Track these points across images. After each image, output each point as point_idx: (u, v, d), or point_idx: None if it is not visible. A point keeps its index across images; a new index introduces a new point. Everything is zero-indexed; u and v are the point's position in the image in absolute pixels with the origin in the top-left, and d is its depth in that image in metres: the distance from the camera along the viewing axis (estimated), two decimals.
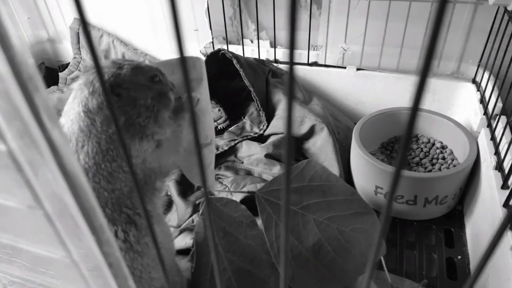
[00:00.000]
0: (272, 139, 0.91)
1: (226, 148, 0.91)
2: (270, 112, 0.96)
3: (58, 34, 1.26)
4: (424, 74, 0.15)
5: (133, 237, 0.48)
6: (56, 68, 1.29)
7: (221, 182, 0.83)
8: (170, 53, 1.14)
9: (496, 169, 0.71)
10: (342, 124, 0.97)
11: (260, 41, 1.06)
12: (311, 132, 0.90)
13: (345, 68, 1.01)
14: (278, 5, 0.98)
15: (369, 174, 0.81)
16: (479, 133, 0.83)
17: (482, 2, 0.85)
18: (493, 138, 0.77)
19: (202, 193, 0.79)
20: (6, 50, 0.17)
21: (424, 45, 0.95)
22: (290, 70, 0.17)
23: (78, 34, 1.18)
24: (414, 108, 0.16)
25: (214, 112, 0.97)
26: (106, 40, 1.17)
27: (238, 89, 1.00)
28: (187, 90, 0.18)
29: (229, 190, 0.80)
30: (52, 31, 1.26)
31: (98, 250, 0.23)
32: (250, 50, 1.07)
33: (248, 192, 0.76)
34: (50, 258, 0.27)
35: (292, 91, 0.17)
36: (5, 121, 0.19)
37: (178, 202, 0.81)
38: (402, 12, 0.91)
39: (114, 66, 0.48)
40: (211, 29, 1.07)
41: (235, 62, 0.93)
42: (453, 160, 0.86)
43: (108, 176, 0.46)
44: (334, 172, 0.84)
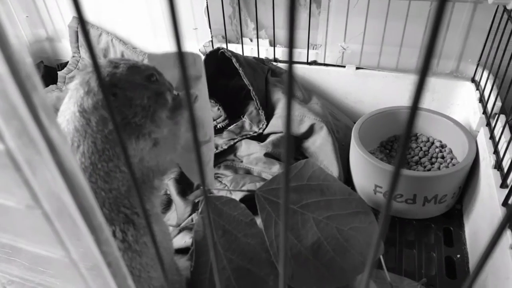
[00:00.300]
0: (271, 138, 0.91)
1: (225, 147, 0.91)
2: (269, 111, 0.96)
3: (56, 32, 1.26)
4: (423, 73, 0.15)
5: (131, 236, 0.48)
6: (55, 67, 1.28)
7: (220, 181, 0.83)
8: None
9: (495, 168, 0.71)
10: (341, 123, 0.97)
11: (259, 40, 1.06)
12: (311, 131, 0.90)
13: (344, 67, 1.01)
14: (277, 4, 0.98)
15: (368, 173, 0.81)
16: (478, 132, 0.83)
17: (481, 1, 0.85)
18: (492, 137, 0.77)
19: (201, 191, 0.79)
20: (4, 49, 0.17)
21: (423, 44, 0.96)
22: (289, 69, 0.17)
23: (76, 32, 1.18)
24: (414, 107, 0.16)
25: (213, 111, 0.97)
26: (105, 38, 1.17)
27: (238, 88, 1.00)
28: (186, 87, 0.18)
29: (228, 189, 0.80)
30: (50, 30, 1.26)
31: (97, 249, 0.23)
32: (249, 49, 1.07)
33: (247, 191, 0.76)
34: (49, 257, 0.27)
35: (291, 90, 0.17)
36: (3, 120, 0.19)
37: (177, 201, 0.81)
38: (402, 11, 0.91)
39: (110, 66, 0.48)
40: (210, 27, 1.06)
41: (234, 61, 0.93)
42: (452, 159, 0.86)
43: (105, 176, 0.46)
44: (333, 171, 0.84)
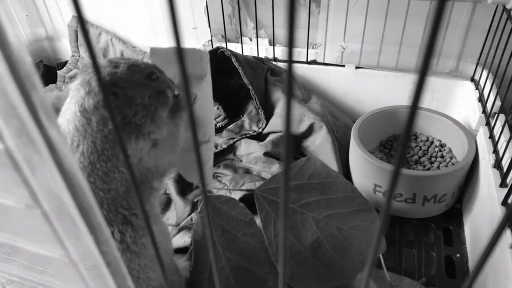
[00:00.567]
0: (271, 137, 0.91)
1: (225, 146, 0.91)
2: (269, 110, 0.96)
3: (56, 32, 1.26)
4: (423, 72, 0.15)
5: (129, 238, 0.47)
6: (54, 66, 1.28)
7: (220, 180, 0.83)
8: None
9: (494, 167, 0.71)
10: (341, 122, 0.97)
11: (259, 39, 1.06)
12: (310, 130, 0.90)
13: (344, 66, 1.01)
14: (277, 3, 0.98)
15: (368, 172, 0.81)
16: (478, 131, 0.83)
17: (480, 0, 0.85)
18: (491, 136, 0.77)
19: (200, 191, 0.79)
20: (3, 48, 0.17)
21: (423, 43, 0.96)
22: (289, 68, 0.17)
23: (76, 32, 1.18)
24: (413, 106, 0.16)
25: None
26: (104, 38, 1.17)
27: (237, 87, 1.00)
28: (185, 86, 0.18)
29: (228, 188, 0.80)
30: (50, 29, 1.26)
31: (96, 249, 0.23)
32: (249, 48, 1.07)
33: (246, 190, 0.76)
34: (48, 257, 0.27)
35: (291, 89, 0.17)
36: (2, 119, 0.19)
37: (177, 200, 0.81)
38: (401, 10, 0.91)
39: (110, 65, 0.48)
40: (210, 27, 1.06)
41: (234, 60, 0.93)
42: (451, 158, 0.86)
43: (103, 176, 0.46)
44: None
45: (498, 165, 0.70)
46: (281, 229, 0.20)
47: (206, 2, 1.03)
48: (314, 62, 1.04)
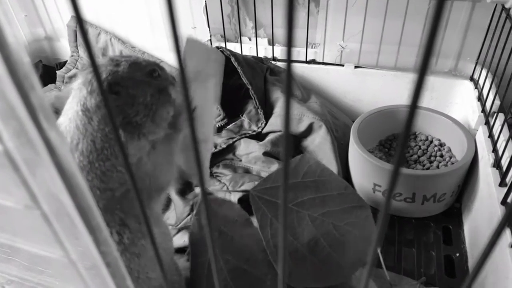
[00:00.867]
0: (270, 137, 0.91)
1: (224, 146, 0.90)
2: (268, 110, 0.96)
3: (55, 32, 1.26)
4: (422, 71, 0.15)
5: (127, 239, 0.47)
6: (53, 66, 1.28)
7: (219, 180, 0.83)
8: (168, 50, 1.14)
9: (494, 166, 0.71)
10: (340, 121, 0.97)
11: (258, 39, 1.06)
12: (310, 130, 0.90)
13: (343, 65, 1.01)
14: (276, 3, 0.98)
15: (367, 171, 0.81)
16: (477, 130, 0.83)
17: (479, 0, 0.85)
18: (491, 136, 0.77)
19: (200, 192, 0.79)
20: (2, 49, 0.17)
21: (422, 42, 0.96)
22: (288, 68, 0.17)
23: (75, 32, 1.18)
24: (413, 105, 0.16)
25: None
26: (103, 38, 1.17)
27: (236, 87, 1.00)
28: (184, 92, 0.18)
29: (227, 189, 0.80)
30: (49, 29, 1.26)
31: (96, 249, 0.23)
32: (248, 48, 1.07)
33: (244, 191, 0.76)
34: (48, 257, 0.27)
35: (290, 89, 0.17)
36: (1, 120, 0.19)
37: (176, 200, 0.81)
38: (400, 9, 0.91)
39: (111, 64, 0.48)
40: (209, 27, 1.06)
41: (233, 60, 0.93)
42: (451, 157, 0.86)
43: (101, 175, 0.46)
44: (332, 170, 0.84)
45: (497, 164, 0.70)
46: (280, 229, 0.20)
47: (205, 1, 1.03)
48: (313, 62, 1.04)
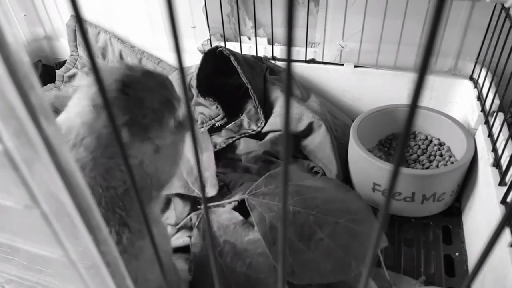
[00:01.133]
0: (270, 137, 0.90)
1: (224, 145, 0.90)
2: (268, 109, 0.96)
3: (55, 31, 1.26)
4: (422, 71, 0.15)
5: (126, 239, 0.47)
6: (53, 65, 1.28)
7: (219, 180, 0.83)
8: (167, 50, 1.14)
9: (493, 166, 0.71)
10: (340, 121, 0.97)
11: (257, 38, 1.06)
12: (309, 129, 0.90)
13: (342, 65, 1.01)
14: (275, 2, 0.98)
15: (367, 171, 0.81)
16: (477, 130, 0.83)
17: None
18: (490, 135, 0.77)
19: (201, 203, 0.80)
20: (1, 48, 0.17)
21: (422, 42, 0.96)
22: (288, 67, 0.17)
23: (75, 31, 1.18)
24: (413, 105, 0.16)
25: (212, 109, 0.96)
26: (103, 37, 1.17)
27: (236, 86, 1.00)
28: (183, 89, 0.18)
29: (220, 202, 0.78)
30: (49, 28, 1.26)
31: (95, 249, 0.23)
32: (247, 47, 1.07)
33: (236, 201, 0.75)
34: (48, 256, 0.27)
35: (290, 88, 0.17)
36: (1, 120, 0.19)
37: (176, 200, 0.81)
38: (400, 8, 0.91)
39: (126, 68, 0.50)
40: (209, 26, 1.06)
41: (233, 59, 0.93)
42: (450, 157, 0.86)
43: (104, 172, 0.46)
44: (332, 169, 0.84)
45: (497, 163, 0.70)
46: (280, 229, 0.20)
47: (205, 1, 1.03)
48: (313, 61, 1.04)
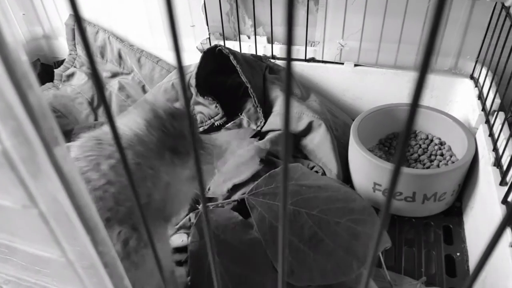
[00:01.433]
0: (269, 136, 0.90)
1: None
2: (267, 108, 0.96)
3: (53, 30, 1.25)
4: (423, 71, 0.15)
5: (132, 243, 0.48)
6: (51, 64, 1.28)
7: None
8: (166, 49, 1.14)
9: (494, 165, 0.71)
10: (340, 120, 0.97)
11: (257, 37, 1.05)
12: (309, 128, 0.89)
13: (342, 64, 1.01)
14: (275, 1, 0.98)
15: (367, 170, 0.81)
16: (477, 129, 0.83)
17: None
18: (491, 134, 0.77)
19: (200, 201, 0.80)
20: (0, 47, 0.17)
21: (422, 40, 0.95)
22: (288, 66, 0.16)
23: (73, 30, 1.17)
24: (414, 104, 0.16)
25: (211, 108, 0.96)
26: (101, 36, 1.17)
27: (235, 85, 1.00)
28: (184, 93, 0.18)
29: (220, 202, 0.78)
30: (47, 28, 1.26)
31: (93, 249, 0.23)
32: (247, 46, 1.07)
33: (235, 201, 0.75)
34: (45, 257, 0.27)
35: (289, 87, 0.17)
36: None
37: None
38: (400, 7, 0.91)
39: (170, 105, 0.55)
40: (208, 25, 1.06)
41: (232, 58, 0.92)
42: (451, 156, 0.86)
43: (140, 180, 0.50)
44: (332, 169, 0.84)
45: (498, 163, 0.70)
46: (280, 229, 0.20)
47: (204, 0, 1.03)
48: (312, 60, 1.03)
